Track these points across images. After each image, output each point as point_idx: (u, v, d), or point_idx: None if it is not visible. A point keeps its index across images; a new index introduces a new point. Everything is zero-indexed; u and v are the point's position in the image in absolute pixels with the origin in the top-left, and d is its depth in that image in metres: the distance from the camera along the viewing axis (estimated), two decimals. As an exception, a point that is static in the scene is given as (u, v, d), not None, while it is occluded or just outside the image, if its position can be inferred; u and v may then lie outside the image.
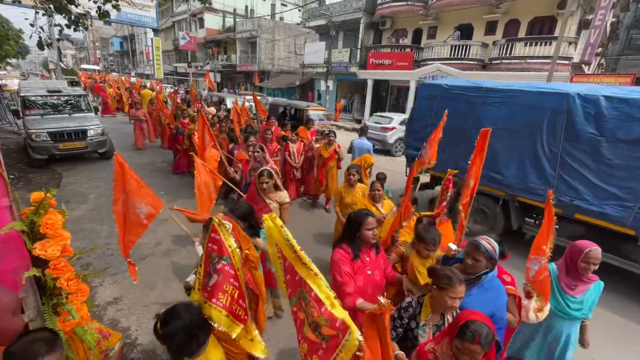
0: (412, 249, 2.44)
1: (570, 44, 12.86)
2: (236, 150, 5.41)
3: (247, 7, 33.01)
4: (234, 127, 6.76)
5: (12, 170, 6.71)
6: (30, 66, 71.39)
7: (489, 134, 2.78)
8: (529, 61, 13.27)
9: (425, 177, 6.19)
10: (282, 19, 31.19)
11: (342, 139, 7.31)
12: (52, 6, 6.20)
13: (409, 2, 16.77)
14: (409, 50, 17.50)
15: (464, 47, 15.23)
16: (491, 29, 15.57)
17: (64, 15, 6.30)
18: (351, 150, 6.31)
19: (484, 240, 1.92)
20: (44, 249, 1.60)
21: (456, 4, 15.16)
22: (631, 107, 3.70)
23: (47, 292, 1.66)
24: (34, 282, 1.60)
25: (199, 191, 3.42)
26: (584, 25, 13.08)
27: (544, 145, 4.36)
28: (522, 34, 14.49)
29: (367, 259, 2.10)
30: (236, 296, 1.63)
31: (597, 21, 11.49)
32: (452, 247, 2.22)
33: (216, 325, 1.54)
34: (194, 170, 3.60)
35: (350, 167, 4.11)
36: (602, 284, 2.23)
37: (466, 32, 16.15)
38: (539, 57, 13.04)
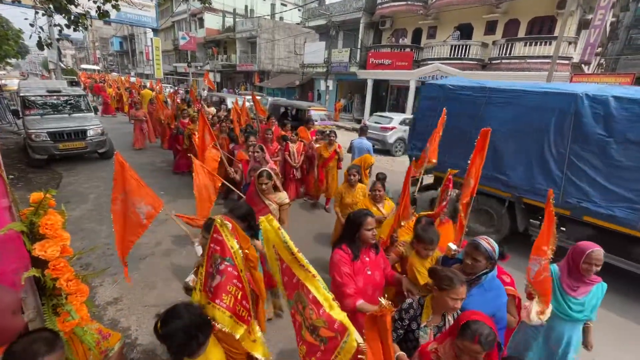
0: (412, 249, 2.44)
1: (570, 43, 12.85)
2: (236, 150, 5.40)
3: (246, 7, 33.01)
4: (234, 127, 6.76)
5: (11, 170, 6.71)
6: (30, 66, 71.31)
7: (489, 134, 2.78)
8: (528, 61, 13.27)
9: (428, 178, 6.17)
10: (282, 18, 31.18)
11: (342, 139, 7.30)
12: (51, 6, 6.19)
13: (409, 2, 16.76)
14: (408, 50, 17.50)
15: (464, 46, 15.23)
16: (491, 28, 15.57)
17: (64, 15, 6.30)
18: (351, 150, 6.30)
19: (483, 240, 1.92)
20: (43, 249, 1.60)
21: (456, 3, 15.16)
22: None
23: (47, 293, 1.66)
24: (34, 282, 1.60)
25: (198, 193, 3.42)
26: (584, 25, 13.09)
27: (551, 146, 4.29)
28: (521, 33, 14.50)
29: (367, 259, 2.09)
30: (239, 297, 1.63)
31: (596, 21, 11.49)
32: (451, 247, 2.21)
33: (220, 326, 1.54)
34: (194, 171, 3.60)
35: (350, 167, 4.11)
36: (605, 286, 2.21)
37: (466, 31, 16.15)
38: (539, 57, 13.04)
